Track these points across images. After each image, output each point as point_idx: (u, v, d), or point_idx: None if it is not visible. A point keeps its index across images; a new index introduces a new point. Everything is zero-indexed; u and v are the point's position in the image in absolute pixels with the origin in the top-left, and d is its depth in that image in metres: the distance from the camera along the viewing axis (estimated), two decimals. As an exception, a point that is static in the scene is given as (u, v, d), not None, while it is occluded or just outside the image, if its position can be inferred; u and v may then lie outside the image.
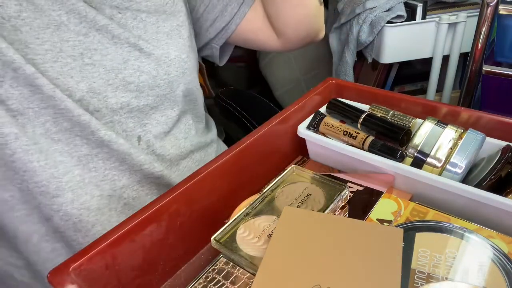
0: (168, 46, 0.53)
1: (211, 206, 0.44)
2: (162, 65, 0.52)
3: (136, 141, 0.53)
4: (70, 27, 0.46)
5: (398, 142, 0.47)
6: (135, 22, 0.51)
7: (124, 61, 0.49)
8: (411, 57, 0.98)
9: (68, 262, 0.32)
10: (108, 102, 0.49)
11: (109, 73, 0.48)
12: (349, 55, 1.01)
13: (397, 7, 0.91)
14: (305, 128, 0.53)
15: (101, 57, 0.48)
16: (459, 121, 0.50)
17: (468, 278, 0.33)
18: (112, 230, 0.35)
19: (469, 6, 0.93)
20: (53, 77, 0.45)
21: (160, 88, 0.53)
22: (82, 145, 0.48)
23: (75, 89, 0.46)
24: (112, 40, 0.49)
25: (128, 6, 0.51)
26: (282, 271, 0.34)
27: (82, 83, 0.46)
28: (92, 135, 0.48)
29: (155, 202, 0.38)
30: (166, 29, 0.54)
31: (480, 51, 0.71)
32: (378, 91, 0.57)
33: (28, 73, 0.43)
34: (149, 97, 0.52)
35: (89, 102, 0.47)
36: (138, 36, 0.51)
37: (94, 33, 0.48)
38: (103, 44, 0.48)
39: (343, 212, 0.43)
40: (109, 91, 0.48)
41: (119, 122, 0.51)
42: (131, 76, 0.50)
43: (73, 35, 0.46)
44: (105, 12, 0.49)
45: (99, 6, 0.49)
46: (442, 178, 0.42)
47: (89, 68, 0.47)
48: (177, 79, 0.55)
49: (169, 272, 0.41)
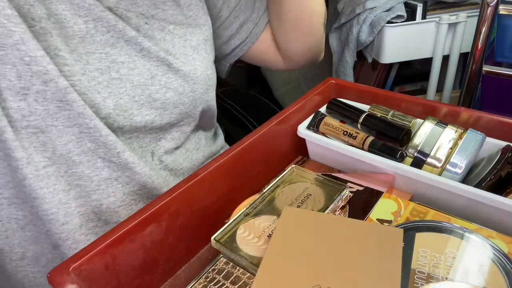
0: (195, 62, 0.51)
1: (211, 206, 0.44)
2: (189, 81, 0.50)
3: (150, 156, 0.51)
4: (96, 38, 0.43)
5: (398, 142, 0.47)
6: (163, 34, 0.48)
7: (152, 76, 0.47)
8: (411, 57, 0.98)
9: (68, 262, 0.32)
10: (133, 120, 0.46)
11: (136, 89, 0.46)
12: (349, 55, 1.01)
13: (397, 7, 0.91)
14: (305, 128, 0.53)
15: (129, 71, 0.45)
16: (459, 121, 0.50)
17: (468, 278, 0.33)
18: (112, 230, 0.35)
19: (469, 6, 0.93)
20: (81, 92, 0.42)
21: (184, 105, 0.51)
22: (103, 168, 0.45)
23: (101, 106, 0.43)
24: (141, 53, 0.46)
25: (154, 14, 0.48)
26: (282, 271, 0.34)
27: (109, 99, 0.44)
28: (117, 157, 0.45)
29: (155, 202, 0.38)
30: (193, 43, 0.52)
31: (480, 51, 0.71)
32: (378, 91, 0.57)
33: (60, 87, 0.40)
34: (172, 114, 0.50)
35: (115, 120, 0.45)
36: (166, 50, 0.48)
37: (122, 43, 0.45)
38: (131, 57, 0.45)
39: (343, 212, 0.43)
40: (135, 108, 0.46)
41: (137, 137, 0.48)
42: (157, 92, 0.47)
43: (99, 47, 0.43)
44: (132, 22, 0.46)
45: (125, 14, 0.46)
46: (442, 178, 0.42)
47: (116, 83, 0.44)
48: (201, 96, 0.53)
49: (169, 272, 0.41)
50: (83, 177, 0.44)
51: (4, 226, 0.45)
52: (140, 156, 0.49)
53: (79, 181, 0.44)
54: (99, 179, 0.45)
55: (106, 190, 0.46)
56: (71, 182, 0.44)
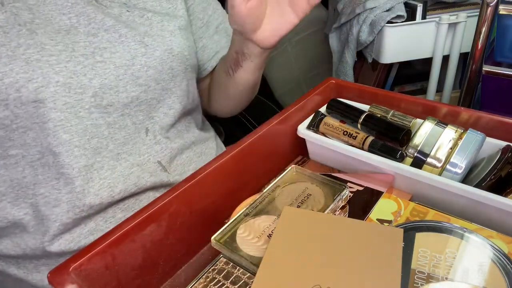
0: (172, 43, 0.56)
1: (211, 206, 0.44)
2: (166, 60, 0.55)
3: (144, 133, 0.55)
4: (79, 29, 0.50)
5: (398, 142, 0.47)
6: (142, 20, 0.55)
7: (132, 57, 0.52)
8: (411, 57, 0.98)
9: (68, 262, 0.32)
10: (119, 96, 0.51)
11: (119, 69, 0.51)
12: (349, 55, 1.01)
13: (397, 7, 0.91)
14: (305, 128, 0.53)
15: (111, 55, 0.51)
16: (459, 121, 0.50)
17: (468, 278, 0.33)
18: (112, 230, 0.35)
19: (469, 6, 0.93)
20: (68, 76, 0.47)
21: (165, 81, 0.56)
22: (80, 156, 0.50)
23: (88, 86, 0.48)
24: (120, 39, 0.52)
25: (136, 3, 0.55)
26: (282, 271, 0.34)
27: (94, 79, 0.49)
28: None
29: (155, 202, 0.38)
30: (170, 28, 0.57)
31: (480, 51, 0.71)
32: (378, 91, 0.57)
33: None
34: (156, 90, 0.55)
35: (102, 98, 0.50)
36: (144, 33, 0.54)
37: (102, 33, 0.51)
38: (111, 43, 0.51)
39: (343, 212, 0.43)
40: (121, 86, 0.51)
41: (129, 115, 0.53)
42: (139, 71, 0.53)
43: (83, 36, 0.50)
44: (114, 11, 0.53)
45: (109, 4, 0.53)
46: (442, 178, 0.42)
47: (100, 65, 0.50)
48: (180, 74, 0.58)
49: (169, 272, 0.41)
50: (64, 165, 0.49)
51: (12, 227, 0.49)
52: (133, 131, 0.54)
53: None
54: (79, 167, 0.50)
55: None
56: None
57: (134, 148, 0.54)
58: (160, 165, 0.56)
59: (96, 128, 0.50)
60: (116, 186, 0.51)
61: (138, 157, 0.54)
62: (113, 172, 0.51)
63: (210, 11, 0.67)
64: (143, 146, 0.55)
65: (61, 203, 0.49)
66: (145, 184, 0.54)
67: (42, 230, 0.49)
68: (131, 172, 0.53)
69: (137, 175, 0.53)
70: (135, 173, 0.53)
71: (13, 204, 0.49)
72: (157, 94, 0.56)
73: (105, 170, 0.51)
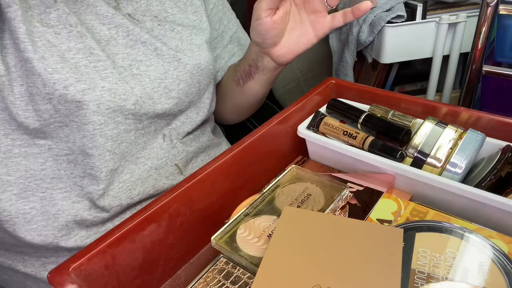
0: (200, 58, 0.58)
1: (211, 206, 0.44)
2: (195, 74, 0.57)
3: (162, 138, 0.56)
4: (118, 41, 0.51)
5: (398, 142, 0.47)
6: (173, 33, 0.56)
7: (165, 71, 0.54)
8: (411, 57, 0.98)
9: (68, 262, 0.32)
10: (156, 108, 0.53)
11: (153, 82, 0.53)
12: (349, 55, 1.01)
13: (397, 7, 0.91)
14: (305, 128, 0.53)
15: (146, 68, 0.53)
16: (459, 121, 0.50)
17: (468, 278, 0.33)
18: (112, 230, 0.35)
19: (469, 6, 0.93)
20: (113, 82, 0.48)
21: (192, 95, 0.58)
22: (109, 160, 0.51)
23: (130, 94, 0.50)
24: (155, 52, 0.54)
25: (166, 16, 0.57)
26: (282, 271, 0.34)
27: (135, 88, 0.51)
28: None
29: (155, 202, 0.38)
30: (197, 42, 0.59)
31: (480, 51, 0.71)
32: (378, 91, 0.57)
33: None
34: (184, 103, 0.57)
35: (142, 106, 0.51)
36: (176, 47, 0.56)
37: (139, 45, 0.53)
38: (147, 56, 0.53)
39: (343, 212, 0.43)
40: (155, 98, 0.53)
41: (155, 122, 0.54)
42: (172, 84, 0.55)
43: (122, 48, 0.51)
44: (147, 25, 0.54)
45: (142, 18, 0.54)
46: (442, 178, 0.42)
47: (137, 77, 0.52)
48: (205, 88, 0.60)
49: (169, 272, 0.41)
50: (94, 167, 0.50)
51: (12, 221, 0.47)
52: (152, 137, 0.55)
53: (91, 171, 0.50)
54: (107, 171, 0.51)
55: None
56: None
57: (152, 152, 0.55)
58: (178, 168, 0.58)
59: (126, 134, 0.51)
60: (135, 189, 0.53)
61: (156, 161, 0.55)
62: (132, 176, 0.53)
63: (226, 21, 0.68)
64: (161, 151, 0.56)
65: (83, 200, 0.50)
66: (162, 187, 0.56)
67: (54, 226, 0.49)
68: (149, 175, 0.54)
69: (155, 178, 0.55)
70: (152, 176, 0.55)
71: (18, 196, 0.48)
72: (184, 106, 0.57)
73: (125, 174, 0.52)
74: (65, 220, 0.50)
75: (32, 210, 0.48)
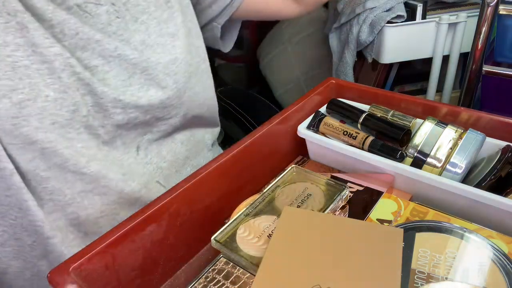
0: (175, 50, 0.48)
1: (211, 206, 0.44)
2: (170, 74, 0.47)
3: (135, 151, 0.49)
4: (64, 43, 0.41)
5: (398, 142, 0.47)
6: (136, 25, 0.46)
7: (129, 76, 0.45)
8: (411, 57, 0.98)
9: (68, 262, 0.32)
10: (114, 119, 0.45)
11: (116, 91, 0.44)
12: (349, 55, 1.01)
13: (397, 7, 0.91)
14: (305, 128, 0.53)
15: (104, 75, 0.44)
16: (459, 121, 0.50)
17: (468, 278, 0.33)
18: (112, 230, 0.35)
19: (469, 6, 0.92)
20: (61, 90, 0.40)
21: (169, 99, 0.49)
22: (75, 181, 0.43)
23: (81, 104, 0.42)
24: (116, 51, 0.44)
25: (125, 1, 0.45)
26: (282, 271, 0.34)
27: (88, 96, 0.43)
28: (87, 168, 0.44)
29: (155, 202, 0.38)
30: (170, 29, 0.48)
31: (480, 51, 0.71)
32: (378, 91, 0.57)
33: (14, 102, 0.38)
34: (157, 109, 0.48)
35: (95, 118, 0.43)
36: (142, 42, 0.46)
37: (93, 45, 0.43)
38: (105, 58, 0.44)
39: (343, 212, 0.43)
40: (119, 107, 0.44)
41: (120, 135, 0.46)
42: (139, 91, 0.46)
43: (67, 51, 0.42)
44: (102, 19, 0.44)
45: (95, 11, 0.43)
46: (442, 178, 0.42)
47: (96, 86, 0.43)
48: (184, 85, 0.50)
49: (169, 272, 0.41)
50: (54, 191, 0.42)
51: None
52: (122, 152, 0.47)
53: (52, 196, 0.43)
54: (73, 193, 0.44)
55: (82, 203, 0.45)
56: (43, 197, 0.42)
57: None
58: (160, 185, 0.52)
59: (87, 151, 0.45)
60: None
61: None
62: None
63: None
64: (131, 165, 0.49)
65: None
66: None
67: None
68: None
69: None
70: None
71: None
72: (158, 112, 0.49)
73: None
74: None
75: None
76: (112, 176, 0.46)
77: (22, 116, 0.38)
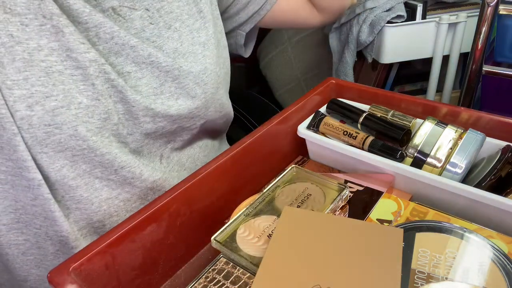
0: (205, 60, 0.48)
1: (211, 206, 0.44)
2: (200, 83, 0.47)
3: (159, 160, 0.49)
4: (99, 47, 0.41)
5: (398, 142, 0.47)
6: (170, 32, 0.46)
7: (161, 84, 0.45)
8: (411, 57, 0.98)
9: (68, 262, 0.32)
10: (143, 128, 0.44)
11: (146, 99, 0.44)
12: (349, 55, 1.01)
13: (397, 7, 0.91)
14: (305, 128, 0.53)
15: (136, 81, 0.43)
16: (459, 121, 0.50)
17: (468, 278, 0.33)
18: (112, 230, 0.35)
19: (469, 6, 0.92)
20: (93, 98, 0.40)
21: (197, 109, 0.49)
22: (102, 188, 0.44)
23: (113, 111, 0.42)
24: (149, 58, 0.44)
25: (159, 8, 0.45)
26: (282, 271, 0.34)
27: (119, 104, 0.42)
28: (114, 174, 0.44)
29: (155, 202, 0.38)
30: (202, 39, 0.48)
31: (480, 51, 0.71)
32: (378, 91, 0.57)
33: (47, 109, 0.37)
34: (185, 118, 0.48)
35: (124, 126, 0.43)
36: (175, 50, 0.45)
37: (128, 51, 0.42)
38: (138, 65, 0.43)
39: (343, 212, 0.43)
40: (149, 115, 0.44)
41: (147, 144, 0.46)
42: (169, 100, 0.45)
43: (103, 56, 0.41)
44: (136, 24, 0.43)
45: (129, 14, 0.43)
46: (442, 178, 0.42)
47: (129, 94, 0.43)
48: (212, 96, 0.50)
49: (169, 272, 0.41)
50: (82, 200, 0.43)
51: (4, 251, 0.43)
52: (148, 161, 0.47)
53: (79, 205, 0.43)
54: (100, 201, 0.44)
55: (108, 211, 0.45)
56: (69, 206, 0.43)
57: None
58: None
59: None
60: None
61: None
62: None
63: None
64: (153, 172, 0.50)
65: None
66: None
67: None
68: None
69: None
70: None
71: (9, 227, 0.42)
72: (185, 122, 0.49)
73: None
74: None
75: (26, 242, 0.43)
76: (138, 184, 0.46)
77: (55, 124, 0.38)
